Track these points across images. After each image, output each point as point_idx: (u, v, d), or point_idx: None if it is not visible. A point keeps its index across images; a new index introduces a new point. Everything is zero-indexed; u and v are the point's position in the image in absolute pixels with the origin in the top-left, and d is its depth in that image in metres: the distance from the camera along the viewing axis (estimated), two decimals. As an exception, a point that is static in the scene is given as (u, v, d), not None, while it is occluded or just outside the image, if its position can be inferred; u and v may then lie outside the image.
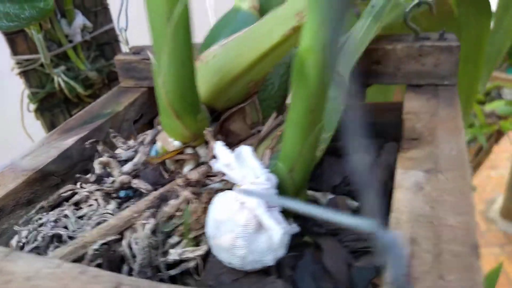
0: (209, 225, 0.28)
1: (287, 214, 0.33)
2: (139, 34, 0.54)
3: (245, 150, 0.29)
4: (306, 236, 0.33)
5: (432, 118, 0.38)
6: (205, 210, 0.30)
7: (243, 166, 0.29)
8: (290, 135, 0.28)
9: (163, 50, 0.28)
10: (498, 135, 1.39)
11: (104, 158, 0.35)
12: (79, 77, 0.65)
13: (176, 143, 0.33)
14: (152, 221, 0.31)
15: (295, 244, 0.34)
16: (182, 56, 0.28)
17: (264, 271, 0.29)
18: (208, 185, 0.31)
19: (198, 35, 0.36)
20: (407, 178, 0.31)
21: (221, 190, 0.30)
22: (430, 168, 0.32)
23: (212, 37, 0.35)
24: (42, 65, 0.60)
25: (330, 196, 0.36)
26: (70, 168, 0.42)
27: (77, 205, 0.36)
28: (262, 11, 0.35)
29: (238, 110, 0.36)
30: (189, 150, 0.34)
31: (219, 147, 0.28)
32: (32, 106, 0.62)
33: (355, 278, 0.30)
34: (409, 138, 0.36)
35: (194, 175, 0.30)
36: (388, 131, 0.43)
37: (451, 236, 0.26)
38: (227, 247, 0.27)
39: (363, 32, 0.40)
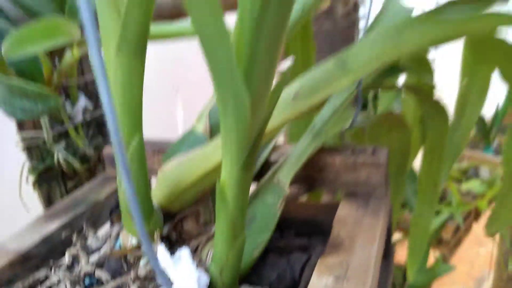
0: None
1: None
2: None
3: (183, 252, 0.36)
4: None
5: (355, 226, 0.44)
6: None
7: (180, 267, 0.35)
8: (218, 243, 0.35)
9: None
10: (476, 213, 1.43)
11: (73, 250, 0.41)
12: (77, 153, 0.72)
13: (134, 241, 0.40)
14: (103, 309, 0.37)
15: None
16: (137, 174, 0.36)
17: None
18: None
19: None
20: (319, 282, 0.37)
21: None
22: (340, 274, 0.38)
23: (172, 152, 0.43)
24: (44, 141, 0.67)
25: (265, 291, 0.42)
26: (50, 251, 0.48)
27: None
28: (212, 132, 0.44)
29: (192, 211, 0.43)
30: (144, 246, 0.40)
31: (159, 250, 0.35)
32: (31, 179, 0.68)
33: None
34: (332, 244, 0.42)
35: (142, 271, 0.37)
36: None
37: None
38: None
39: (304, 147, 0.47)
